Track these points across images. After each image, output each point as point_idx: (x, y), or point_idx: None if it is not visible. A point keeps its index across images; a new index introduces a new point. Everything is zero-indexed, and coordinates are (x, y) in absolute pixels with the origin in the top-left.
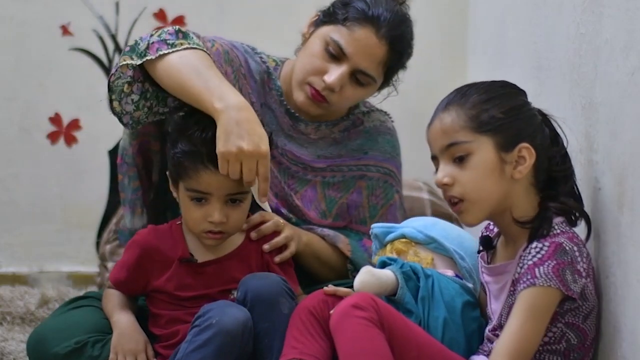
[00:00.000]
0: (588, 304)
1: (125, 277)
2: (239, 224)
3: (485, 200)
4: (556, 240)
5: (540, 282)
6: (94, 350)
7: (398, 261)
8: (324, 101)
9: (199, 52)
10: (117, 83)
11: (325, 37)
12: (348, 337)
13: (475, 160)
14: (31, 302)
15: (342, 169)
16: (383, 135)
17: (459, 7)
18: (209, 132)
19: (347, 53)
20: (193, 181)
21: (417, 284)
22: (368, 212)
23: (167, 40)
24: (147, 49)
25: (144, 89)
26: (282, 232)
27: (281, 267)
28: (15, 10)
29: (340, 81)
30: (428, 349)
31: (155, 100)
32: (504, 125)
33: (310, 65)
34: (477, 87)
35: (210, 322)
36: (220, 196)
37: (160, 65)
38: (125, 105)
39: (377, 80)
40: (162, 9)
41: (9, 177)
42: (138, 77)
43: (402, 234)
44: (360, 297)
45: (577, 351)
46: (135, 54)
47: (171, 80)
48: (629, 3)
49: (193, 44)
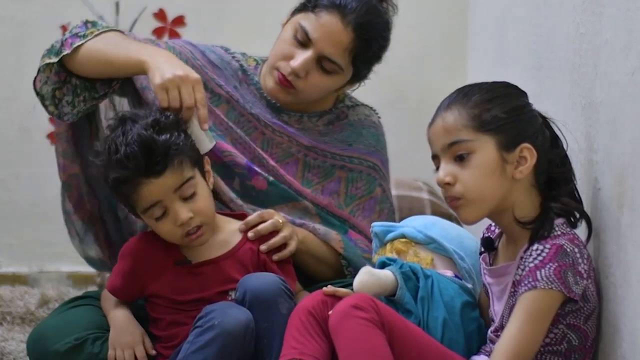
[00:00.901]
0: (589, 305)
1: (121, 284)
2: (209, 210)
3: (485, 199)
4: (557, 242)
5: (542, 285)
6: (94, 347)
7: (397, 261)
8: (290, 86)
9: (110, 33)
10: (45, 89)
11: (295, 24)
12: (348, 337)
13: (477, 159)
14: (31, 302)
15: (325, 154)
16: (367, 128)
17: (459, 7)
18: (120, 151)
19: (312, 38)
20: (142, 201)
21: (416, 284)
22: (343, 200)
23: (78, 33)
24: (62, 46)
25: (73, 85)
26: (281, 232)
27: (279, 265)
28: (15, 10)
29: (305, 66)
30: (428, 350)
31: (87, 91)
32: (506, 125)
33: (279, 51)
34: (479, 87)
35: (213, 323)
36: (171, 197)
37: (78, 56)
38: (62, 108)
39: (344, 69)
40: (162, 9)
41: (9, 177)
42: (64, 78)
43: (402, 234)
44: (359, 297)
45: (578, 352)
46: (52, 54)
47: (93, 64)
48: (629, 3)
49: (103, 28)
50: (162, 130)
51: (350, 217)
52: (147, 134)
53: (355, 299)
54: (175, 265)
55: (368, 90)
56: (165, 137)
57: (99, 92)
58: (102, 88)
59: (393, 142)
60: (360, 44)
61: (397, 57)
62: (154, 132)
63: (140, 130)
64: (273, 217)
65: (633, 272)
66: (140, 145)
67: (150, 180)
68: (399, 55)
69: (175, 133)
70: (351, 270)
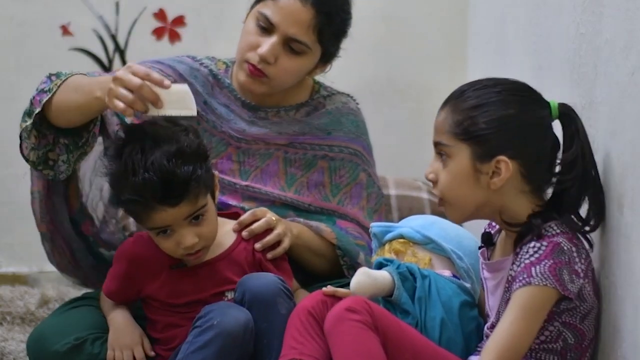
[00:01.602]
0: (586, 304)
1: (117, 287)
2: (213, 233)
3: (461, 204)
4: (554, 240)
5: (536, 282)
6: (93, 347)
7: (394, 262)
8: (262, 75)
9: (71, 79)
10: (34, 155)
11: (255, 13)
12: (342, 340)
13: (452, 165)
14: (31, 302)
15: (305, 147)
16: (346, 115)
17: (459, 7)
18: (138, 177)
19: (275, 22)
20: (150, 222)
21: (413, 285)
22: (329, 191)
23: (44, 88)
24: (32, 105)
25: (63, 144)
26: (275, 229)
27: (275, 263)
28: (15, 10)
29: (273, 51)
30: (423, 351)
31: (78, 148)
32: (485, 137)
33: (245, 43)
34: (475, 89)
35: (212, 323)
36: (181, 223)
37: (52, 111)
38: (59, 168)
39: (312, 47)
40: (162, 9)
41: (9, 177)
42: (52, 139)
43: (400, 234)
44: (353, 300)
45: (574, 351)
46: (27, 116)
47: (64, 114)
48: (629, 3)
49: (65, 76)
50: (185, 161)
51: (339, 207)
52: (169, 166)
53: (349, 301)
54: (171, 269)
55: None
56: (187, 170)
57: (82, 139)
58: (84, 135)
59: (393, 142)
60: (323, 19)
61: (397, 56)
62: (176, 163)
63: (162, 160)
64: (266, 215)
65: (633, 272)
66: (160, 176)
67: (165, 208)
68: (398, 55)
69: (197, 164)
70: (347, 260)
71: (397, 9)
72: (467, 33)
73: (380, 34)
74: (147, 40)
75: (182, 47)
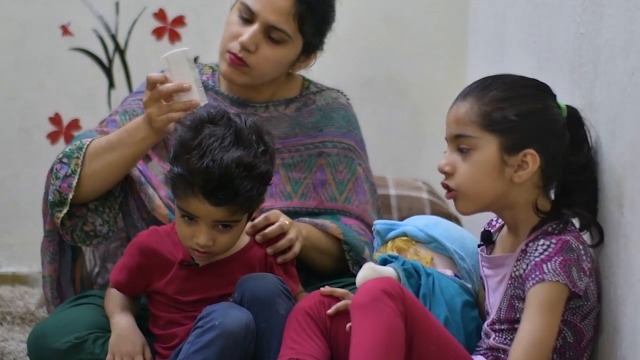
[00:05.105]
0: (589, 303)
1: (126, 279)
2: (227, 247)
3: (479, 196)
4: (563, 238)
5: (549, 277)
6: (95, 347)
7: (399, 258)
8: (243, 64)
9: (91, 147)
10: (77, 237)
11: (238, 5)
12: (372, 322)
13: (477, 157)
14: (31, 302)
15: (299, 149)
16: (337, 110)
17: (459, 7)
18: (204, 162)
19: (255, 10)
20: (183, 202)
21: (418, 282)
22: (336, 189)
23: (66, 174)
24: (61, 193)
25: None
26: (287, 234)
27: (283, 267)
28: (15, 10)
29: (253, 39)
30: (446, 345)
31: (103, 200)
32: (514, 128)
33: (227, 33)
34: (501, 82)
35: (213, 324)
36: (208, 222)
37: (82, 188)
38: (101, 232)
39: (293, 37)
40: (162, 9)
41: (9, 177)
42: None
43: (404, 232)
44: (389, 283)
45: (573, 350)
46: (59, 206)
47: (100, 183)
48: (629, 3)
49: (79, 151)
50: (249, 176)
51: (345, 205)
52: (235, 172)
53: (385, 283)
54: (181, 266)
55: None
56: (246, 185)
57: (115, 191)
58: (115, 188)
59: (393, 141)
60: (303, 8)
61: (396, 56)
62: (241, 174)
63: (232, 162)
64: (279, 219)
65: (633, 272)
66: (220, 174)
67: (204, 201)
68: (398, 55)
69: (257, 185)
70: (353, 255)
71: (397, 8)
72: (467, 32)
73: (380, 34)
74: (147, 40)
75: (182, 47)
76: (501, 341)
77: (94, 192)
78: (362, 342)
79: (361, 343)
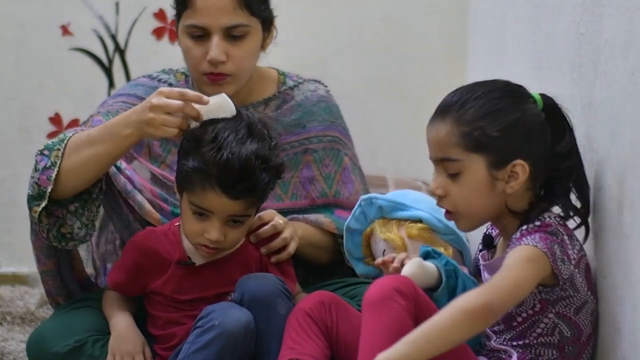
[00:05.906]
0: (579, 295)
1: (124, 279)
2: (236, 242)
3: (476, 215)
4: (546, 222)
5: (527, 242)
6: (94, 349)
7: (442, 257)
8: (223, 77)
9: (72, 140)
10: (52, 236)
11: (184, 29)
12: (381, 321)
13: (466, 179)
14: (31, 302)
15: (285, 148)
16: (317, 104)
17: (459, 7)
18: (223, 154)
19: (204, 25)
20: (197, 197)
21: (454, 284)
22: (324, 183)
23: (45, 165)
24: (40, 186)
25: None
26: (282, 234)
27: (279, 267)
28: (15, 10)
29: (219, 49)
30: (456, 349)
31: (84, 202)
32: (497, 145)
33: (191, 60)
34: (476, 98)
35: (213, 324)
36: (222, 216)
37: (58, 184)
38: (78, 235)
39: (250, 23)
40: (162, 9)
41: (9, 177)
42: (60, 214)
43: (419, 218)
44: (402, 281)
45: (572, 345)
46: (38, 200)
47: (79, 177)
48: (629, 3)
49: (60, 143)
50: (267, 169)
51: (336, 199)
52: (254, 163)
53: (398, 282)
54: (178, 265)
55: (368, 90)
56: (264, 177)
57: (93, 193)
58: (93, 189)
59: (393, 141)
60: None
61: (396, 56)
62: (260, 165)
63: (252, 154)
64: (274, 219)
65: (633, 272)
66: (241, 166)
67: (222, 195)
68: (398, 55)
69: (273, 177)
70: None
71: (397, 8)
72: (467, 33)
73: (380, 34)
74: (147, 40)
75: None
76: (500, 342)
77: (73, 188)
78: (370, 340)
79: (369, 340)
